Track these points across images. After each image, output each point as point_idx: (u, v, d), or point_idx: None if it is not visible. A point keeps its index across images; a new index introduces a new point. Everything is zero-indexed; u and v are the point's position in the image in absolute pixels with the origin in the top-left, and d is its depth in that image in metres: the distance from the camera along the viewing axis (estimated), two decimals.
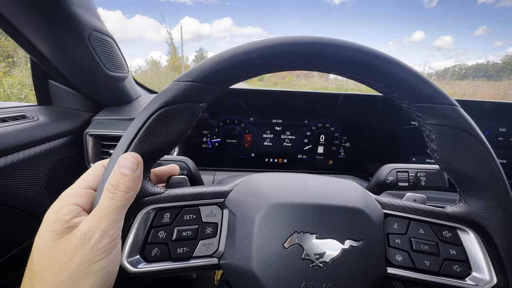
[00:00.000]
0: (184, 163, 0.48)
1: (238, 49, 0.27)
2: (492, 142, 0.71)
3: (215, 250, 0.29)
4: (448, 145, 0.28)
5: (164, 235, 0.28)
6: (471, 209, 0.30)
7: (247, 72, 0.27)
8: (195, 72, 0.26)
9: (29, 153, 0.52)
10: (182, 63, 20.60)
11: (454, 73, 17.51)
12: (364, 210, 0.29)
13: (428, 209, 0.32)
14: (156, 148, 0.27)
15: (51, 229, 0.23)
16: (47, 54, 0.56)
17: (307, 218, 0.28)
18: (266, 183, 0.32)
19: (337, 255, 0.27)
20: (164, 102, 0.26)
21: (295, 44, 0.27)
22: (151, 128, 0.26)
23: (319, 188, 0.32)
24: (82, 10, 0.51)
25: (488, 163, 0.28)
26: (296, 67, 0.28)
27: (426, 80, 0.28)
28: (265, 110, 0.76)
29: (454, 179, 0.30)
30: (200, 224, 0.30)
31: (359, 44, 0.27)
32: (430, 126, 0.29)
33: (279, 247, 0.27)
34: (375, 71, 0.28)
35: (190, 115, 0.27)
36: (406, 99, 0.29)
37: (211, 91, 0.27)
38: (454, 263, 0.30)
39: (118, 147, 0.27)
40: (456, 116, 0.28)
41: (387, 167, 0.54)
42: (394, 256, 0.30)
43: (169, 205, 0.29)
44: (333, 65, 0.28)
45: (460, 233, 0.31)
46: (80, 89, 0.67)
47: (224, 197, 0.31)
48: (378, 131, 0.77)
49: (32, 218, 0.54)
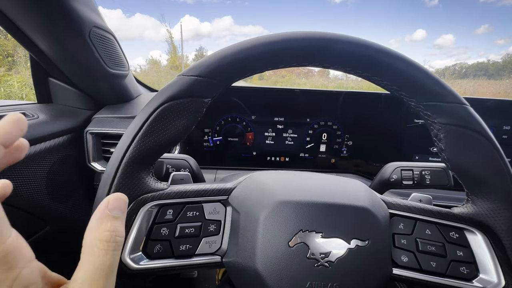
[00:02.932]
0: (186, 161, 0.47)
1: (244, 43, 0.26)
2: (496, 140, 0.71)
3: (218, 248, 0.29)
4: (457, 144, 0.28)
5: (166, 232, 0.28)
6: (479, 210, 0.30)
7: (253, 68, 0.27)
8: (201, 67, 0.26)
9: (29, 151, 0.51)
10: (182, 62, 20.59)
11: (454, 71, 17.49)
12: (371, 209, 0.29)
13: (435, 209, 0.31)
14: (160, 143, 0.27)
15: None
16: (46, 51, 0.55)
17: (312, 216, 0.27)
18: (271, 180, 0.31)
19: (343, 255, 0.27)
20: (169, 96, 0.26)
21: (303, 39, 0.26)
22: (155, 123, 0.26)
23: (324, 187, 0.31)
24: (82, 5, 0.51)
25: (498, 164, 0.28)
26: (303, 63, 0.28)
27: (435, 78, 0.27)
28: (267, 108, 0.75)
29: (462, 179, 0.30)
30: (203, 221, 0.29)
31: (367, 40, 0.27)
32: (438, 125, 0.28)
33: (284, 246, 0.26)
34: (383, 68, 0.27)
35: (194, 110, 0.27)
36: (414, 97, 0.28)
37: (217, 86, 0.27)
38: (461, 265, 0.30)
39: (121, 142, 0.26)
40: (466, 115, 0.27)
41: (391, 165, 0.54)
42: (400, 256, 0.30)
43: (172, 202, 0.29)
44: (341, 62, 0.27)
45: (467, 234, 0.31)
46: (80, 87, 0.66)
47: (228, 194, 0.31)
48: (380, 130, 0.77)
49: (31, 216, 0.54)
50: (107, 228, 0.19)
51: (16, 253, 0.16)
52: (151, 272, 0.27)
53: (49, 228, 0.57)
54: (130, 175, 0.26)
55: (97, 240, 0.18)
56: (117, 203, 0.20)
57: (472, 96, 0.72)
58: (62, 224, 0.62)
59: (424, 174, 0.50)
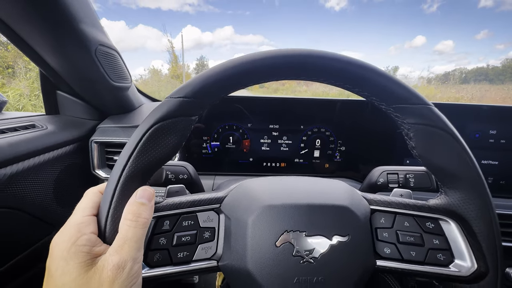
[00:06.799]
0: (184, 168, 0.50)
1: (224, 64, 0.29)
2: (483, 144, 0.74)
3: (213, 253, 0.31)
4: (425, 141, 0.30)
5: (164, 241, 0.30)
6: (451, 200, 0.32)
7: (234, 86, 0.29)
8: (187, 88, 0.28)
9: (38, 160, 0.55)
10: (183, 71, 20.72)
11: (454, 77, 17.46)
12: (350, 207, 0.31)
13: (412, 202, 0.34)
14: (154, 160, 0.28)
15: (75, 262, 0.23)
16: (55, 67, 0.60)
17: (296, 217, 0.30)
18: (258, 187, 0.34)
19: (326, 251, 0.29)
20: (159, 117, 0.28)
21: (278, 57, 0.29)
22: (148, 142, 0.27)
23: (307, 189, 0.34)
24: (89, 26, 0.55)
25: (462, 157, 0.30)
26: (280, 78, 0.30)
27: (400, 83, 0.30)
28: (262, 116, 0.79)
29: (434, 173, 0.32)
30: (198, 229, 0.31)
31: (335, 53, 0.30)
32: (408, 125, 0.31)
33: (271, 246, 0.29)
34: (352, 77, 0.30)
35: (183, 128, 0.29)
36: (384, 101, 0.31)
37: (202, 105, 0.29)
38: (438, 252, 0.32)
39: (118, 161, 0.28)
40: (430, 114, 0.30)
41: (378, 169, 0.56)
42: (383, 249, 0.32)
43: (168, 213, 0.31)
44: (315, 74, 0.30)
45: (442, 224, 0.33)
46: (86, 99, 0.71)
47: (220, 203, 0.33)
48: (372, 135, 0.79)
49: (40, 222, 0.57)
50: (132, 210, 0.26)
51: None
52: (152, 279, 0.29)
53: (56, 233, 0.60)
54: (128, 192, 0.27)
55: (124, 219, 0.26)
56: (143, 193, 0.27)
57: (456, 102, 0.75)
58: None
59: (408, 177, 0.53)
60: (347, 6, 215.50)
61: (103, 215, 0.26)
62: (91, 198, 0.28)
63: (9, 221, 0.51)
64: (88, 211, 0.27)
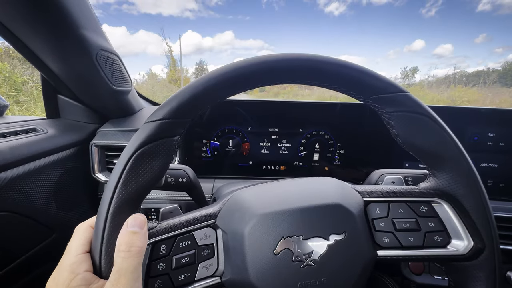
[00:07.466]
0: (184, 171, 0.50)
1: (200, 79, 0.29)
2: (481, 147, 0.75)
3: (215, 269, 0.30)
4: (406, 128, 0.31)
5: (164, 266, 0.29)
6: (439, 181, 0.33)
7: (213, 98, 0.29)
8: (164, 110, 0.28)
9: (39, 163, 0.56)
10: (181, 75, 20.78)
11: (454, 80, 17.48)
12: (342, 203, 0.31)
13: (403, 189, 0.34)
14: (141, 187, 0.28)
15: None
16: (57, 72, 0.60)
17: (291, 222, 0.30)
18: (250, 197, 0.33)
19: (325, 251, 0.29)
20: (140, 143, 0.27)
21: (247, 66, 0.29)
22: (132, 170, 0.27)
23: (298, 192, 0.34)
24: (91, 32, 0.56)
25: (443, 137, 0.31)
26: (257, 85, 0.30)
27: (374, 74, 0.30)
28: (261, 120, 0.79)
29: (420, 157, 0.33)
30: (196, 248, 0.30)
31: (304, 53, 0.30)
32: (387, 114, 0.31)
33: (270, 255, 0.28)
34: (327, 75, 0.30)
35: (166, 149, 0.28)
36: (361, 95, 0.31)
37: (182, 123, 0.29)
38: (435, 234, 0.32)
39: (105, 193, 0.27)
40: (407, 101, 0.30)
41: (377, 172, 0.57)
42: (382, 239, 0.32)
43: (163, 237, 0.30)
44: (289, 77, 0.30)
45: (435, 206, 0.33)
46: (87, 102, 0.71)
47: (215, 218, 0.32)
48: (371, 138, 0.79)
49: (40, 225, 0.57)
50: (124, 241, 0.25)
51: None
52: None
53: (56, 236, 0.60)
54: (119, 223, 0.26)
55: (117, 251, 0.25)
56: (134, 221, 0.26)
57: (454, 105, 0.76)
58: (68, 232, 0.64)
59: (407, 180, 0.53)
60: (346, 11, 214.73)
61: (96, 251, 0.26)
62: (82, 234, 0.28)
63: (9, 224, 0.51)
64: (81, 249, 0.26)
